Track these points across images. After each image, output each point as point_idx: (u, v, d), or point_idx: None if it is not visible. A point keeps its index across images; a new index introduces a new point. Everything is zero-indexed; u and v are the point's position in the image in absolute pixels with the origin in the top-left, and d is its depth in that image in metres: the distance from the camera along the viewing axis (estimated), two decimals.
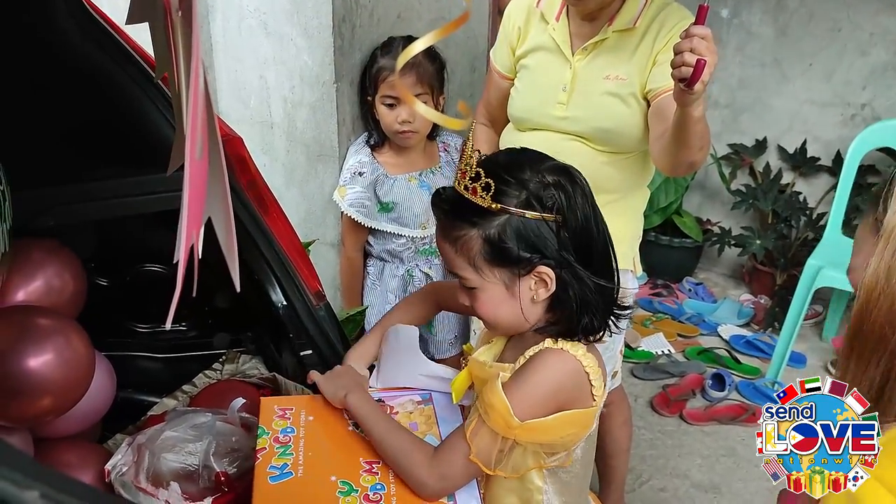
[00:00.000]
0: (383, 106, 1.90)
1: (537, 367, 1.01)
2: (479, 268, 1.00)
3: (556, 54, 1.65)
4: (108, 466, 1.26)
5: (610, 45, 1.59)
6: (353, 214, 1.95)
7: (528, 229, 0.97)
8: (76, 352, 1.18)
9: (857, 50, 3.09)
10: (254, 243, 1.46)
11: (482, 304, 1.04)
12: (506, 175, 0.97)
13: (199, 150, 0.39)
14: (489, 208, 0.96)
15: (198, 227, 0.44)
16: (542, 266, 0.99)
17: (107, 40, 1.35)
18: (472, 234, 0.98)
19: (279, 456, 1.06)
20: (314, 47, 1.93)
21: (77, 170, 1.39)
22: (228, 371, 1.68)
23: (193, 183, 0.39)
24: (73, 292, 1.32)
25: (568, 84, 1.62)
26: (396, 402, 1.21)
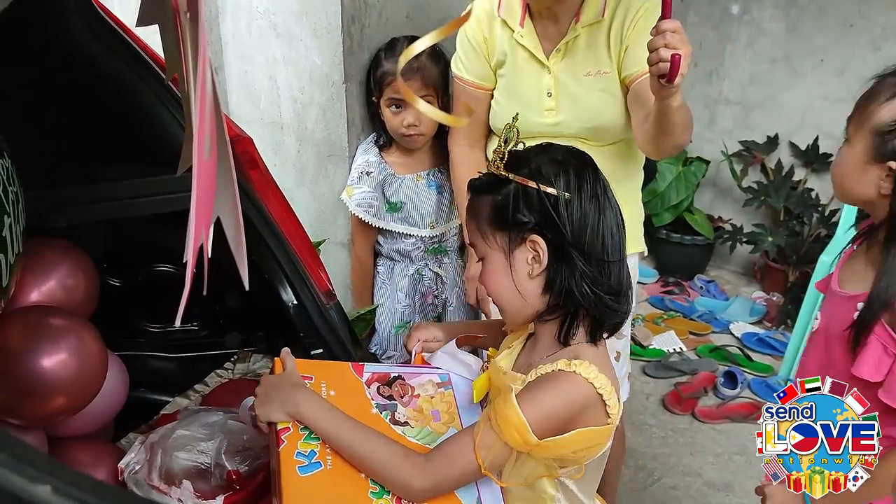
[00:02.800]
0: (388, 109, 1.90)
1: (549, 390, 1.00)
2: (484, 233, 1.06)
3: (529, 61, 1.63)
4: (121, 465, 1.27)
5: (582, 41, 1.58)
6: (360, 214, 1.96)
7: (530, 198, 1.01)
8: (89, 351, 1.20)
9: (868, 45, 3.07)
10: (264, 243, 1.47)
11: (487, 275, 1.08)
12: (525, 153, 1.05)
13: (206, 150, 0.40)
14: (499, 175, 1.03)
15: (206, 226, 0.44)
16: (535, 235, 1.01)
17: (117, 42, 1.36)
18: (484, 200, 1.06)
19: (305, 440, 0.99)
20: (323, 48, 1.93)
21: (89, 171, 1.40)
22: (240, 370, 1.69)
23: (202, 183, 0.39)
24: (85, 292, 1.33)
25: (552, 89, 1.61)
26: (416, 381, 1.16)
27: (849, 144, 1.16)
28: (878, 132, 1.11)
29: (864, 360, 1.15)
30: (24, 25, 1.27)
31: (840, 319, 1.21)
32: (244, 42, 2.10)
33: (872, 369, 1.14)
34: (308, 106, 2.03)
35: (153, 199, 1.39)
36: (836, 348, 1.23)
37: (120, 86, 1.38)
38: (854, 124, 1.15)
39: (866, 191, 1.15)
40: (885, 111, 1.10)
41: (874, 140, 1.11)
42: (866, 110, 1.12)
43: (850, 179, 1.17)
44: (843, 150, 1.19)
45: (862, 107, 1.14)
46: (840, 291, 1.24)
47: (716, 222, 3.62)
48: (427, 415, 1.12)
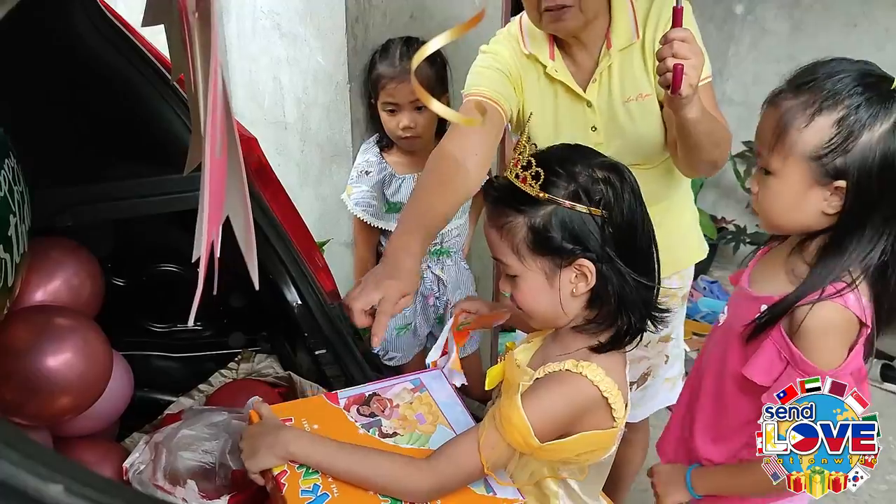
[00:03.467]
0: (385, 112, 1.90)
1: (553, 390, 1.00)
2: (521, 255, 1.00)
3: (566, 95, 1.52)
4: (126, 464, 1.27)
5: (616, 67, 1.48)
6: (358, 213, 1.95)
7: (574, 221, 0.97)
8: (94, 351, 1.20)
9: (873, 45, 3.06)
10: (268, 243, 1.48)
11: (522, 293, 1.03)
12: (557, 166, 0.98)
13: (218, 148, 0.40)
14: (537, 197, 0.97)
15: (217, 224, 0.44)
16: (584, 259, 0.98)
17: (123, 42, 1.36)
18: (518, 220, 0.99)
19: (305, 476, 0.99)
20: (327, 48, 1.93)
21: (94, 170, 1.40)
22: (244, 370, 1.69)
23: (213, 181, 0.39)
24: (90, 292, 1.33)
25: (596, 123, 1.51)
26: (391, 393, 1.18)
27: (777, 176, 1.10)
28: (814, 157, 1.06)
29: (757, 363, 1.15)
30: (31, 25, 1.28)
31: (741, 318, 1.20)
32: (248, 42, 2.10)
33: (764, 373, 1.14)
34: (312, 106, 2.03)
35: (159, 199, 1.40)
36: (733, 346, 1.22)
37: (125, 85, 1.38)
38: (777, 155, 1.09)
39: (808, 216, 1.11)
40: (811, 135, 1.05)
41: (811, 165, 1.06)
42: (787, 139, 1.07)
43: (790, 210, 1.12)
44: (770, 182, 1.12)
45: (780, 137, 1.08)
46: (748, 290, 1.23)
47: (719, 223, 3.62)
48: (412, 420, 1.13)
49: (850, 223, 1.08)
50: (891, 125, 1.04)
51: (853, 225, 1.08)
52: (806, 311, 1.09)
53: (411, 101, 1.85)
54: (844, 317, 1.08)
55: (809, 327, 1.09)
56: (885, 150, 1.04)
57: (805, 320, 1.09)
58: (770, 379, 1.14)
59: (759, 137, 1.13)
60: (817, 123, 1.05)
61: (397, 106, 1.87)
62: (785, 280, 1.16)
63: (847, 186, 1.05)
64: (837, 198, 1.07)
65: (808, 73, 1.10)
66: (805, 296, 1.10)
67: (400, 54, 1.87)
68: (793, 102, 1.08)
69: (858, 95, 1.04)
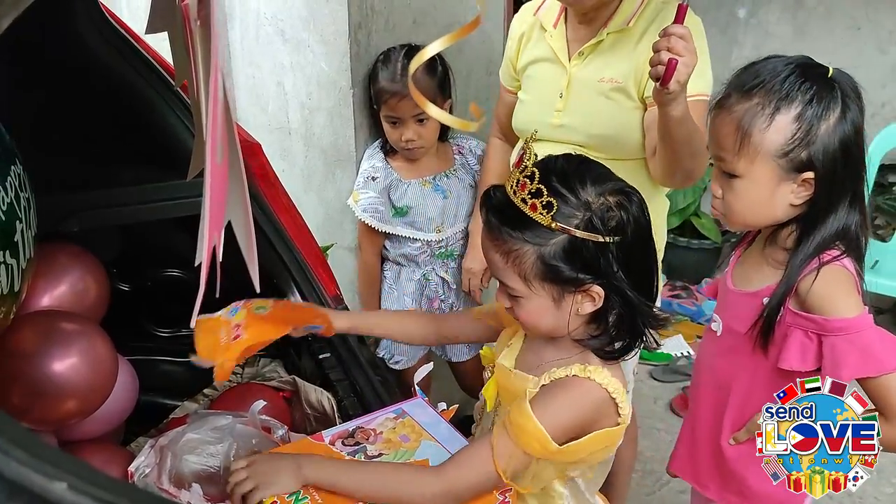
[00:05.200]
0: (387, 124, 1.91)
1: (564, 397, 1.00)
2: (528, 281, 0.98)
3: (553, 62, 1.65)
4: (131, 468, 1.27)
5: (606, 47, 1.57)
6: (366, 220, 1.96)
7: (586, 250, 0.95)
8: (100, 355, 1.21)
9: (876, 48, 3.06)
10: (272, 247, 1.48)
11: (525, 313, 1.03)
12: (566, 191, 0.95)
13: (219, 155, 0.40)
14: (548, 227, 0.94)
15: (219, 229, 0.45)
16: (593, 286, 0.97)
17: (127, 49, 1.38)
18: (527, 249, 0.96)
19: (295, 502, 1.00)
20: (331, 53, 1.94)
21: (99, 176, 1.41)
22: (248, 374, 1.70)
23: (214, 187, 0.40)
24: (96, 297, 1.34)
25: (564, 90, 1.61)
26: (374, 424, 1.19)
27: (745, 178, 1.13)
28: (780, 154, 1.10)
29: (790, 352, 1.17)
30: (34, 31, 1.29)
31: (743, 319, 1.22)
32: (252, 48, 2.11)
33: (800, 359, 1.16)
34: (315, 111, 2.04)
35: (163, 204, 1.41)
36: (744, 349, 1.23)
37: (129, 91, 1.39)
38: (743, 159, 1.12)
39: (778, 210, 1.15)
40: (774, 134, 1.10)
41: (779, 162, 1.11)
42: (751, 141, 1.10)
43: (760, 207, 1.15)
44: (736, 184, 1.14)
45: (744, 141, 1.11)
46: (741, 290, 1.24)
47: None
48: (396, 441, 1.15)
49: (821, 208, 1.14)
50: (840, 111, 1.10)
51: (825, 209, 1.14)
52: (811, 280, 1.13)
53: (413, 115, 1.86)
54: (847, 274, 1.14)
55: (819, 290, 1.12)
56: (842, 135, 1.10)
57: (813, 286, 1.12)
58: (808, 362, 1.15)
59: (719, 144, 1.16)
60: (778, 122, 1.09)
61: (399, 120, 1.88)
62: (770, 271, 1.20)
63: (815, 176, 1.11)
64: (805, 189, 1.13)
65: (752, 75, 1.14)
66: (800, 272, 1.14)
67: (401, 67, 1.87)
68: (747, 105, 1.11)
69: (809, 89, 1.09)
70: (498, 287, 1.05)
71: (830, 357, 1.12)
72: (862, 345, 1.10)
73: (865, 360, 1.09)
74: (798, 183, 1.12)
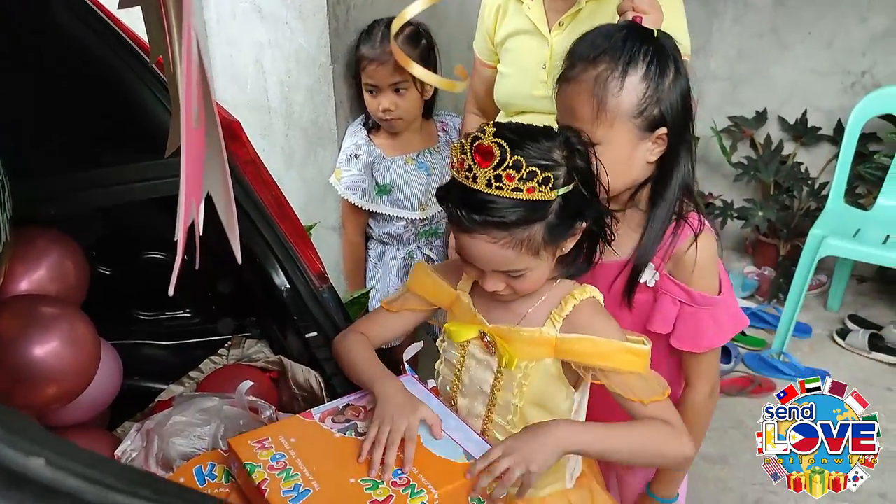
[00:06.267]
0: (367, 93, 1.89)
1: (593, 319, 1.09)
2: (540, 254, 1.04)
3: (534, 34, 1.64)
4: (117, 453, 1.26)
5: (585, 15, 1.57)
6: (349, 197, 1.95)
7: (574, 199, 1.03)
8: (81, 339, 1.19)
9: (856, 16, 3.06)
10: (255, 227, 1.46)
11: (529, 283, 1.07)
12: (545, 161, 1.00)
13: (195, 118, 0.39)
14: (550, 200, 1.00)
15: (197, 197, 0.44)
16: (584, 223, 1.07)
17: (101, 26, 1.34)
18: (536, 228, 1.01)
19: (286, 480, 1.01)
20: (309, 30, 1.91)
21: (77, 158, 1.38)
22: (234, 356, 1.68)
23: (191, 152, 0.38)
24: (76, 280, 1.32)
25: (547, 61, 1.61)
26: (364, 400, 1.18)
27: (606, 144, 1.12)
28: (636, 115, 1.13)
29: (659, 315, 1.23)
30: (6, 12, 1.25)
31: (617, 289, 1.24)
32: (229, 26, 2.08)
33: (664, 324, 1.23)
34: (295, 89, 2.01)
35: (143, 185, 1.38)
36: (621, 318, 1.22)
37: (105, 70, 1.36)
38: (602, 125, 1.13)
39: (637, 170, 1.19)
40: (628, 96, 1.12)
41: (635, 122, 1.14)
42: (608, 107, 1.12)
43: (623, 172, 1.17)
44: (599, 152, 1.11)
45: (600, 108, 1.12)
46: (611, 261, 1.22)
47: (706, 198, 3.62)
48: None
49: (671, 161, 1.18)
50: (674, 67, 1.14)
51: (674, 161, 1.19)
52: (687, 247, 1.19)
53: (391, 84, 1.84)
54: (715, 244, 1.22)
55: (696, 260, 1.19)
56: (681, 89, 1.15)
57: (688, 254, 1.19)
58: (668, 327, 1.23)
59: (574, 115, 1.16)
60: (629, 84, 1.12)
61: (377, 88, 1.86)
62: (634, 236, 1.22)
63: (667, 131, 1.15)
64: (659, 145, 1.17)
65: (589, 44, 1.16)
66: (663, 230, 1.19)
67: (381, 36, 1.85)
68: (595, 72, 1.13)
69: (648, 51, 1.12)
70: (489, 278, 1.06)
71: (692, 326, 1.21)
72: (716, 319, 1.22)
73: (716, 332, 1.22)
74: (653, 140, 1.16)
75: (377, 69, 1.84)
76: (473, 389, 1.18)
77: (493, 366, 1.14)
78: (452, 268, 1.23)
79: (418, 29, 1.88)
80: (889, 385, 2.61)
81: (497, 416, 1.15)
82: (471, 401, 1.19)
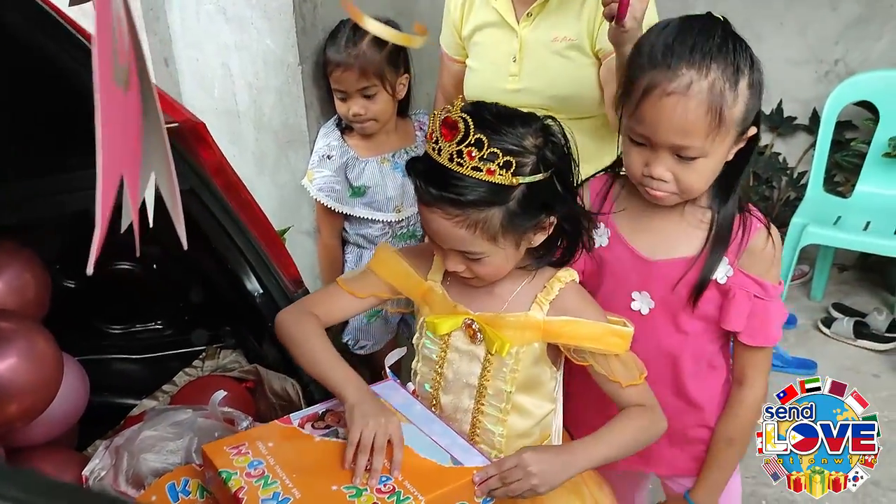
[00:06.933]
0: (336, 98, 1.84)
1: (580, 302, 1.09)
2: (496, 240, 1.00)
3: (502, 27, 1.60)
4: (85, 472, 1.21)
5: (553, 6, 1.54)
6: (321, 199, 1.89)
7: (541, 191, 1.00)
8: (42, 354, 1.13)
9: (827, 5, 3.06)
10: (224, 232, 1.42)
11: (490, 268, 1.04)
12: (513, 146, 0.97)
13: (118, 75, 0.34)
14: (511, 185, 0.97)
15: (131, 174, 0.39)
16: (552, 217, 1.03)
17: (52, 27, 1.29)
18: (493, 212, 0.98)
19: (264, 487, 0.96)
20: (276, 30, 1.87)
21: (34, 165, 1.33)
22: (209, 367, 1.63)
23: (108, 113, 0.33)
24: (35, 294, 1.27)
25: (517, 54, 1.57)
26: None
27: (710, 156, 1.03)
28: (741, 122, 1.03)
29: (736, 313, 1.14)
30: None
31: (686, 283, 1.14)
32: (193, 29, 2.02)
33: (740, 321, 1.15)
34: (264, 91, 1.96)
35: None
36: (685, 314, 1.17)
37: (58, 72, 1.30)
38: (718, 139, 1.02)
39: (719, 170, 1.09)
40: (739, 107, 1.01)
41: (737, 129, 1.03)
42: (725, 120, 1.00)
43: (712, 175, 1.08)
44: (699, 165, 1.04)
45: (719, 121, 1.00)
46: (670, 259, 1.14)
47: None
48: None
49: (746, 155, 1.10)
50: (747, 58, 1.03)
51: (748, 155, 1.10)
52: (764, 239, 1.13)
53: (359, 90, 1.79)
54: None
55: (770, 252, 1.13)
56: (757, 81, 1.04)
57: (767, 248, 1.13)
58: (743, 322, 1.15)
59: (682, 131, 1.01)
60: (740, 94, 1.01)
61: (345, 93, 1.81)
62: (699, 234, 1.13)
63: (757, 130, 1.08)
64: (744, 143, 1.08)
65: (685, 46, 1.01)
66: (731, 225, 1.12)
67: (346, 39, 1.80)
68: (705, 83, 0.99)
69: (745, 49, 1.03)
70: (448, 256, 1.05)
71: (763, 320, 1.14)
72: (780, 310, 1.16)
73: (779, 324, 1.16)
74: (743, 140, 1.07)
75: (343, 74, 1.78)
76: (458, 384, 1.14)
77: (480, 355, 1.11)
78: (420, 253, 1.19)
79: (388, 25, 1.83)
80: (875, 371, 2.59)
81: (488, 406, 1.13)
82: (455, 396, 1.15)
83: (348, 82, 1.77)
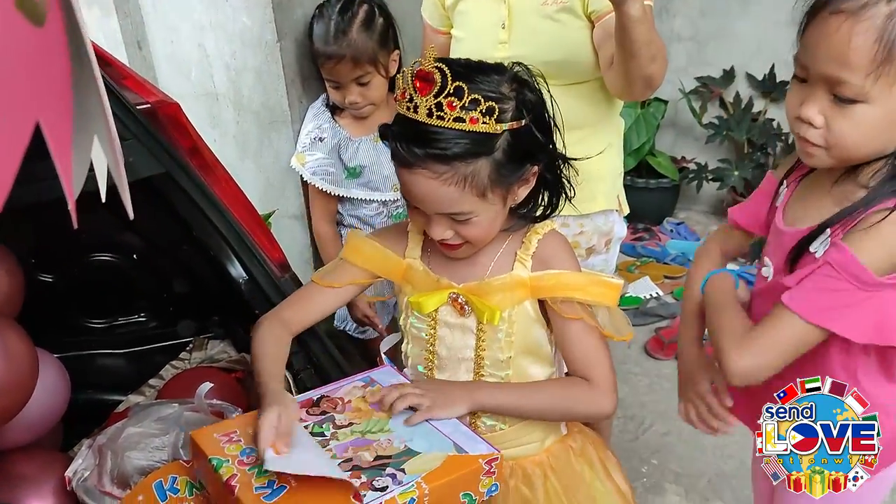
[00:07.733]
0: (329, 86, 1.77)
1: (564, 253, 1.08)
2: (485, 196, 0.97)
3: None
4: (68, 473, 1.15)
5: None
6: (317, 183, 1.82)
7: (523, 138, 0.97)
8: (15, 352, 1.07)
9: None
10: (205, 217, 1.35)
11: (479, 229, 1.01)
12: (491, 92, 0.95)
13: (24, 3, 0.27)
14: (495, 133, 0.94)
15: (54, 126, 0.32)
16: (535, 167, 1.01)
17: None
18: (480, 164, 0.95)
19: (258, 476, 0.91)
20: (252, 6, 1.80)
21: None
22: (197, 359, 1.57)
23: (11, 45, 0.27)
24: (7, 290, 1.19)
25: (505, 20, 1.50)
26: (341, 392, 1.09)
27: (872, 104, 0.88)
28: None
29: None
30: None
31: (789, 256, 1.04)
32: (166, 11, 1.95)
33: None
34: (242, 71, 1.89)
35: None
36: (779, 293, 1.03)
37: None
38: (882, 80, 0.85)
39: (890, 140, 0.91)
40: None
41: None
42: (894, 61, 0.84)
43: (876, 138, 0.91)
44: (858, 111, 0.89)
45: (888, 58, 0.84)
46: (794, 229, 1.03)
47: (679, 163, 3.55)
48: (367, 409, 1.05)
49: None
50: None
51: None
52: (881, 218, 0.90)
53: (353, 79, 1.72)
54: None
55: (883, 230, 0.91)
56: None
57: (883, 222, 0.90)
58: None
59: (841, 60, 0.86)
60: None
61: (339, 84, 1.74)
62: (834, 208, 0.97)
63: None
64: None
65: None
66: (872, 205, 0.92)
67: (334, 28, 1.72)
68: (887, 8, 0.83)
69: None
70: (434, 222, 1.01)
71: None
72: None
73: None
74: None
75: (336, 67, 1.71)
76: (453, 359, 1.10)
77: (472, 326, 1.08)
78: (392, 233, 1.17)
79: (373, 7, 1.75)
80: None
81: (487, 377, 1.10)
82: (452, 373, 1.12)
83: (342, 73, 1.71)
